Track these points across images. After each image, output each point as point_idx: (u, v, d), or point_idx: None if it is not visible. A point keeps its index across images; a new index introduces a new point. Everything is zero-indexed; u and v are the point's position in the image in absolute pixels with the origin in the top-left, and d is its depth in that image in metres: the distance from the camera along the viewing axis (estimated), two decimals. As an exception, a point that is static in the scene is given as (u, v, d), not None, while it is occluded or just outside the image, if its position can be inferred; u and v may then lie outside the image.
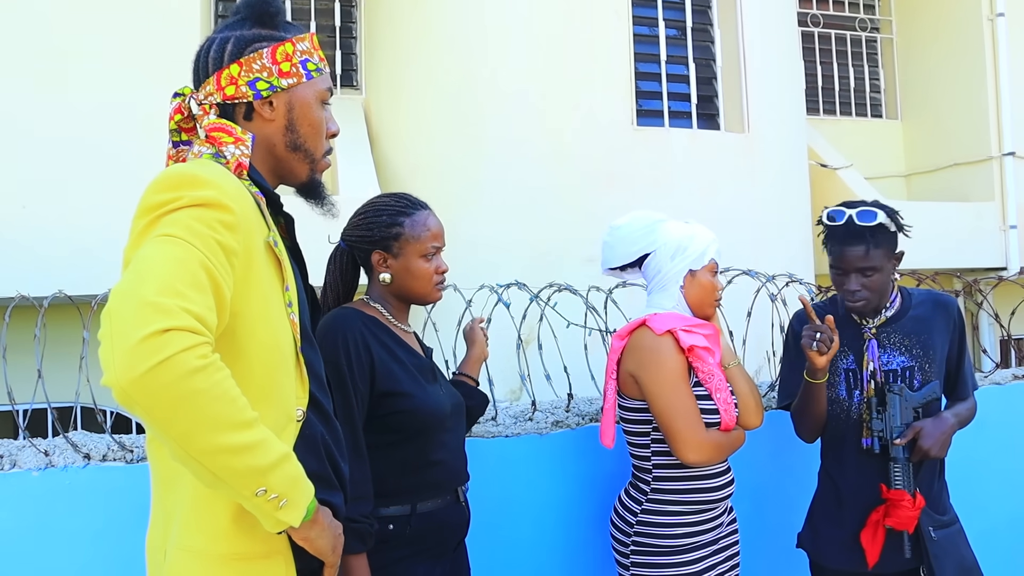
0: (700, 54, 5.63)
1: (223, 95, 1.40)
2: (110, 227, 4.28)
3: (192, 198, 1.21)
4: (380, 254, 1.85)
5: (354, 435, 1.67)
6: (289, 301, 1.37)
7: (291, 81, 1.42)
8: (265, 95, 1.41)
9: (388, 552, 1.72)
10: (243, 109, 1.42)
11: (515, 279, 2.64)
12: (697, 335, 2.08)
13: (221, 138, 1.36)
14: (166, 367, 1.05)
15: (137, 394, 1.05)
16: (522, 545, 2.37)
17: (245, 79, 1.39)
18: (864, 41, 7.62)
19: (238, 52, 1.40)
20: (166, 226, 1.19)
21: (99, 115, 4.41)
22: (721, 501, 2.12)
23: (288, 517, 1.21)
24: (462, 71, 5.09)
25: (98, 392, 2.22)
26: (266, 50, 1.40)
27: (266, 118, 1.42)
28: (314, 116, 1.46)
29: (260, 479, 1.16)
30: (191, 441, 1.09)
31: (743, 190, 5.38)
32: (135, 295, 1.09)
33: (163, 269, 1.12)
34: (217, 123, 1.38)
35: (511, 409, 2.58)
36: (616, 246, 2.22)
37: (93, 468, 2.05)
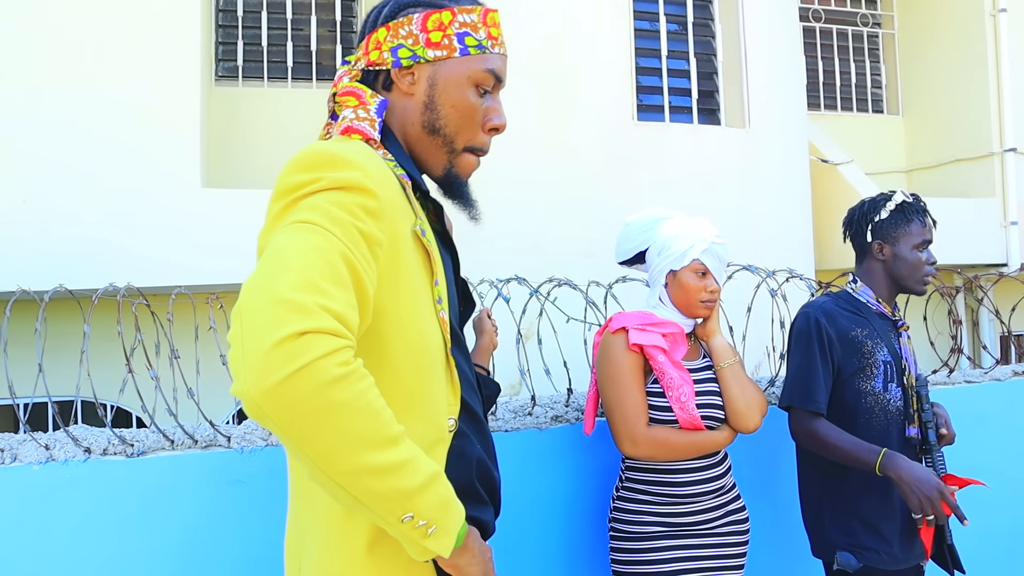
0: (701, 49, 5.62)
1: (367, 60, 1.27)
2: (111, 221, 4.30)
3: (332, 180, 1.07)
4: None
5: None
6: (439, 297, 1.21)
7: (439, 53, 1.25)
8: (405, 63, 1.25)
9: None
10: (383, 78, 1.28)
11: (515, 273, 2.64)
12: (652, 334, 2.09)
13: (346, 101, 1.23)
14: (303, 376, 0.91)
15: (270, 407, 0.91)
16: (522, 539, 2.37)
17: (389, 44, 1.25)
18: (865, 36, 7.60)
19: (390, 15, 1.26)
20: (303, 211, 1.05)
21: (100, 108, 4.41)
22: (698, 497, 2.11)
23: (437, 546, 1.07)
24: (463, 66, 5.08)
25: (99, 386, 2.23)
26: (417, 16, 1.24)
27: (404, 90, 1.27)
28: (460, 97, 1.27)
29: (406, 503, 1.01)
30: (330, 461, 0.95)
31: (743, 185, 5.37)
32: (268, 291, 0.95)
33: (300, 261, 0.98)
34: (349, 86, 1.25)
35: (510, 404, 2.58)
36: (620, 241, 2.28)
37: (94, 462, 2.06)
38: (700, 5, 5.61)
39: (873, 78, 7.59)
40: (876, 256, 2.28)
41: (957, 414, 2.51)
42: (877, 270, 2.29)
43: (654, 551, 2.08)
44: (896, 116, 7.58)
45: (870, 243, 2.29)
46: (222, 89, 5.44)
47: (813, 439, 2.17)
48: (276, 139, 5.46)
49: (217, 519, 2.10)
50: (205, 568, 2.09)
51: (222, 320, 2.34)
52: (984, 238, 6.61)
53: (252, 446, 2.16)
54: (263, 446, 2.17)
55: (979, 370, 3.24)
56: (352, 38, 5.76)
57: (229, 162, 5.24)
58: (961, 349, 3.10)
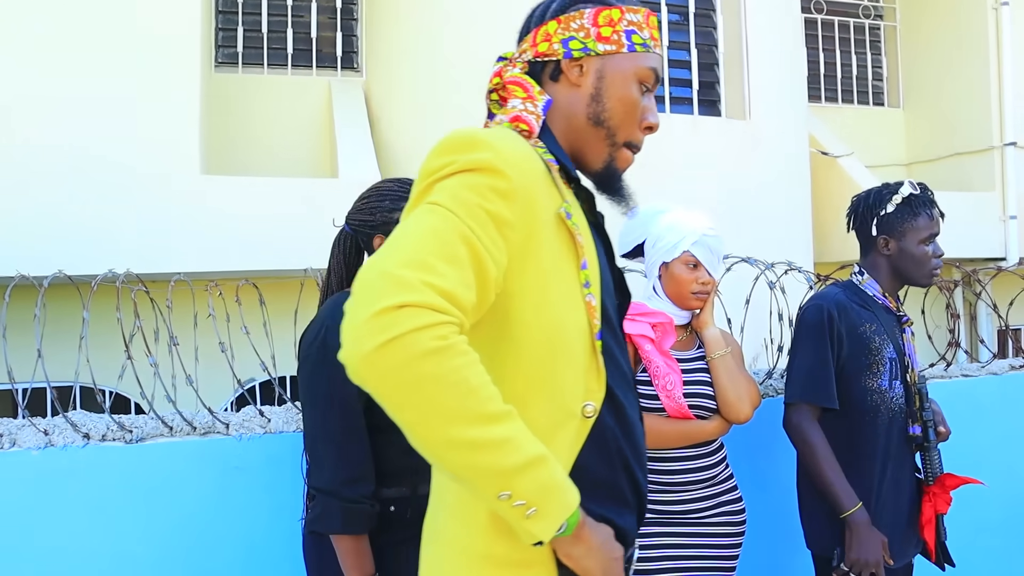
0: (702, 39, 5.61)
1: (535, 51, 1.32)
2: (110, 207, 4.29)
3: (464, 162, 1.11)
4: (382, 238, 1.86)
5: (353, 417, 1.68)
6: (586, 280, 1.21)
7: (608, 48, 1.29)
8: (576, 55, 1.29)
9: (389, 534, 1.73)
10: (551, 68, 1.32)
11: (514, 264, 2.63)
12: (641, 323, 2.11)
13: (514, 91, 1.28)
14: (395, 346, 0.95)
15: (365, 373, 0.97)
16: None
17: (560, 36, 1.30)
18: (867, 28, 7.58)
19: (561, 9, 1.31)
20: (435, 193, 1.09)
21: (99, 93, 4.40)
22: (688, 486, 2.12)
23: (537, 529, 1.05)
24: (463, 55, 5.07)
25: (97, 372, 2.23)
26: (589, 11, 1.29)
27: (572, 81, 1.31)
28: (626, 92, 1.30)
29: (504, 481, 1.02)
30: (422, 431, 1.00)
31: (744, 177, 5.37)
32: (379, 266, 1.00)
33: (415, 240, 1.03)
34: (517, 77, 1.30)
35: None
36: (621, 235, 2.30)
37: (92, 448, 2.06)
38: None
39: (874, 70, 7.58)
40: (881, 251, 2.23)
41: (954, 407, 2.51)
42: (882, 264, 2.23)
43: (644, 537, 2.09)
44: (897, 109, 7.58)
45: (875, 237, 2.23)
46: (222, 75, 5.42)
47: (805, 444, 2.15)
48: (276, 126, 5.45)
49: (215, 506, 2.11)
50: (203, 554, 2.10)
51: (221, 307, 2.34)
52: (983, 232, 6.61)
53: (251, 434, 2.17)
54: (261, 434, 2.17)
55: (976, 364, 3.25)
56: (353, 25, 5.74)
57: (228, 149, 5.24)
58: (959, 343, 3.11)
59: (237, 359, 2.30)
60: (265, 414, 2.23)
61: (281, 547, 2.12)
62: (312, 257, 3.56)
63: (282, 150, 5.41)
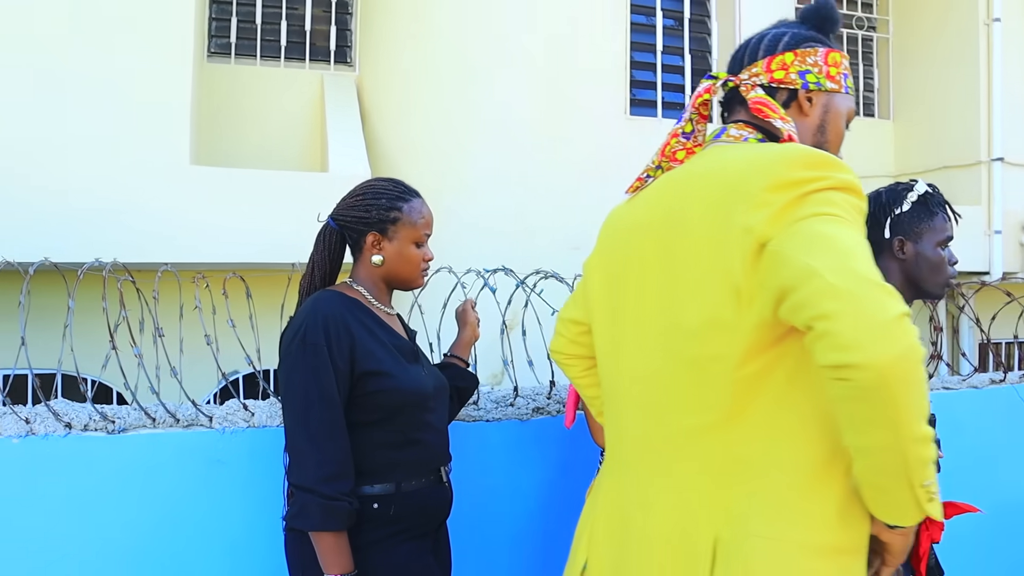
0: (696, 46, 5.63)
1: (770, 77, 1.44)
2: (97, 195, 4.27)
3: (837, 181, 1.20)
4: (375, 236, 1.86)
5: (333, 413, 1.68)
6: None
7: (833, 86, 1.45)
8: (812, 88, 1.44)
9: (371, 531, 1.73)
10: (784, 96, 1.45)
11: (501, 264, 2.64)
12: None
13: (766, 111, 1.38)
14: (915, 351, 1.05)
15: (892, 372, 1.03)
16: (501, 529, 2.39)
17: (796, 68, 1.43)
18: (860, 39, 7.62)
19: (795, 44, 1.45)
20: (824, 205, 1.17)
21: (89, 80, 4.37)
22: None
23: (933, 510, 1.16)
24: (456, 53, 5.07)
25: (81, 361, 2.22)
26: (821, 50, 1.45)
27: (803, 111, 1.44)
28: (840, 126, 1.47)
29: (930, 470, 1.13)
30: (909, 427, 1.08)
31: (733, 184, 5.39)
32: (860, 274, 1.08)
33: (861, 251, 1.12)
34: (763, 98, 1.41)
35: (493, 394, 2.60)
36: None
37: (74, 437, 2.05)
38: (697, 1, 5.61)
39: (866, 81, 7.62)
40: (896, 254, 2.00)
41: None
42: (894, 270, 1.99)
43: None
44: (887, 120, 7.62)
45: (889, 239, 2.00)
46: (214, 65, 5.40)
47: None
48: (267, 118, 5.44)
49: (196, 499, 2.11)
50: (183, 547, 2.09)
51: (208, 299, 2.34)
52: (968, 246, 6.65)
53: (234, 427, 2.16)
54: (244, 427, 2.17)
55: (957, 377, 3.28)
56: (347, 19, 5.72)
57: (219, 140, 5.21)
58: (941, 355, 3.13)
59: (222, 352, 2.29)
60: (249, 408, 2.22)
61: (262, 542, 2.12)
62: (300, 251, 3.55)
63: (272, 142, 5.40)
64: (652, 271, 1.37)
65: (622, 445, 1.46)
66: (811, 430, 1.22)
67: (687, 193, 1.33)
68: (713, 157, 1.38)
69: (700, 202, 1.29)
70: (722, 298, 1.22)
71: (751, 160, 1.25)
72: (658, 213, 1.38)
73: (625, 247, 1.46)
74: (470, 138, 5.02)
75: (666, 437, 1.33)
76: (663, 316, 1.34)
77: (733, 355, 1.21)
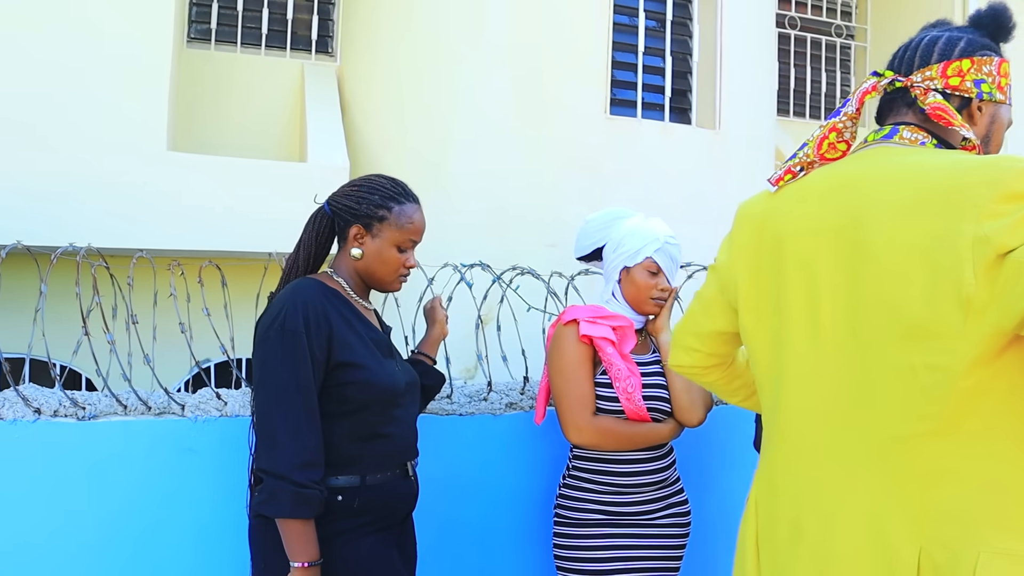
0: (677, 47, 5.67)
1: (945, 83, 1.42)
2: (72, 179, 4.22)
3: None
4: (359, 229, 1.86)
5: (309, 401, 1.69)
6: None
7: (1001, 97, 1.44)
8: (985, 97, 1.42)
9: (335, 523, 1.73)
10: (956, 103, 1.42)
11: (478, 259, 2.65)
12: (602, 326, 2.15)
13: (947, 118, 1.36)
14: None
15: None
16: (471, 523, 2.41)
17: (972, 76, 1.41)
18: (838, 47, 7.71)
19: (971, 51, 1.42)
20: None
21: (66, 63, 4.32)
22: (640, 488, 2.16)
23: None
24: (438, 47, 5.06)
25: (52, 345, 2.20)
26: (996, 59, 1.43)
27: (973, 120, 1.43)
28: (1002, 139, 1.47)
29: None
30: None
31: (709, 185, 5.44)
32: None
33: None
34: (943, 104, 1.38)
35: (466, 388, 2.61)
36: (579, 237, 2.34)
37: (43, 423, 2.04)
38: (680, 3, 5.65)
39: (843, 88, 7.70)
40: None
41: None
42: None
43: (593, 538, 2.13)
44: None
45: None
46: (193, 51, 5.35)
47: None
48: (246, 106, 5.40)
49: (167, 487, 2.10)
50: (153, 536, 2.09)
51: (183, 287, 2.33)
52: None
53: (206, 416, 2.16)
54: (217, 416, 2.17)
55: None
56: (329, 9, 5.70)
57: (197, 127, 5.18)
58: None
59: (196, 340, 2.29)
60: (222, 397, 2.22)
61: (232, 531, 2.11)
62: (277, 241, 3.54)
63: (251, 131, 5.36)
64: (828, 273, 1.34)
65: (791, 452, 1.41)
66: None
67: (873, 195, 1.31)
68: (896, 159, 1.36)
69: (896, 206, 1.26)
70: (947, 306, 1.18)
71: (968, 169, 1.23)
72: (832, 213, 1.35)
73: (785, 245, 1.42)
74: (450, 133, 5.02)
75: (862, 446, 1.28)
76: (850, 321, 1.30)
77: (957, 365, 1.18)
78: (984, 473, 1.20)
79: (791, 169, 1.47)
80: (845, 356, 1.30)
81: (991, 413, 1.19)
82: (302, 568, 1.65)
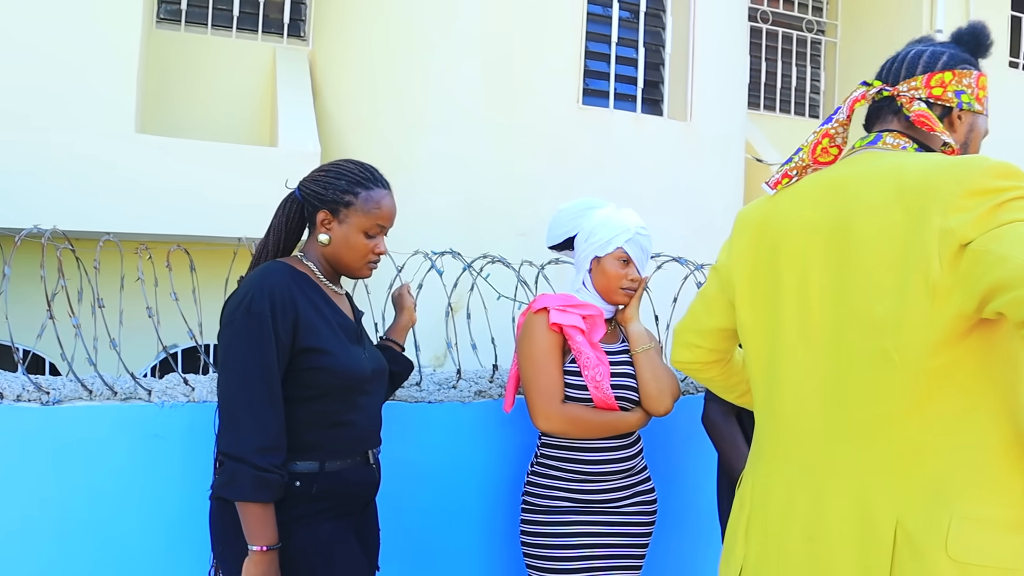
0: (651, 39, 5.69)
1: (928, 92, 1.52)
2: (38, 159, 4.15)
3: None
4: (326, 214, 1.86)
5: (272, 385, 1.68)
6: None
7: (979, 108, 1.54)
8: (964, 108, 1.53)
9: (293, 508, 1.73)
10: (938, 111, 1.53)
11: (449, 247, 2.66)
12: (572, 315, 2.18)
13: (930, 125, 1.47)
14: None
15: None
16: (439, 510, 2.42)
17: (953, 87, 1.52)
18: (809, 42, 7.78)
19: (953, 64, 1.53)
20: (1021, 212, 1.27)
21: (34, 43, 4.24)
22: (607, 476, 2.19)
23: None
24: (411, 34, 5.04)
25: (15, 329, 2.17)
26: (975, 73, 1.54)
27: (952, 128, 1.53)
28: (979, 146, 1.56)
29: None
30: None
31: (680, 177, 5.48)
32: None
33: None
34: (926, 112, 1.49)
35: (436, 376, 2.62)
36: (552, 226, 2.35)
37: (6, 408, 2.01)
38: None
39: (813, 84, 7.79)
40: None
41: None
42: None
43: (561, 525, 2.15)
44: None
45: None
46: (163, 32, 5.28)
47: (720, 437, 2.27)
48: (216, 89, 5.34)
49: (133, 474, 2.09)
50: (118, 523, 2.07)
51: (150, 271, 2.31)
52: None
53: (173, 401, 2.15)
54: (184, 402, 2.15)
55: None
56: (302, -7, 5.64)
57: (166, 109, 5.11)
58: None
59: (164, 325, 2.27)
60: (190, 382, 2.21)
61: (198, 518, 2.10)
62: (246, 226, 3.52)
63: (221, 114, 5.30)
64: (818, 268, 1.45)
65: (783, 437, 1.52)
66: (997, 418, 1.31)
67: (858, 195, 1.42)
68: (879, 162, 1.46)
69: (876, 204, 1.37)
70: (915, 293, 1.30)
71: (940, 168, 1.34)
72: (824, 214, 1.46)
73: (781, 246, 1.54)
74: (422, 119, 5.00)
75: (846, 426, 1.40)
76: (836, 311, 1.41)
77: (924, 345, 1.30)
78: (956, 447, 1.31)
79: (788, 173, 1.60)
80: (831, 345, 1.42)
81: (959, 392, 1.31)
82: (260, 552, 1.64)
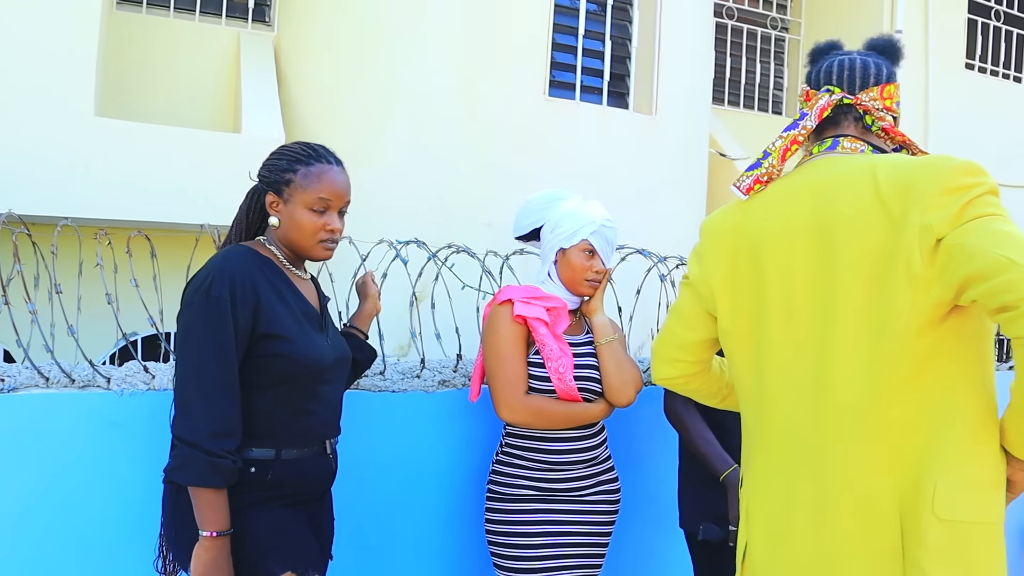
0: (617, 32, 5.71)
1: (883, 104, 1.66)
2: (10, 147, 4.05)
3: (990, 185, 1.42)
4: (273, 196, 1.84)
5: (228, 370, 1.67)
6: None
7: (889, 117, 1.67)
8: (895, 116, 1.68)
9: (246, 494, 1.72)
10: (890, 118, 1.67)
11: (414, 236, 2.65)
12: (536, 307, 2.19)
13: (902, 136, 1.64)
14: None
15: None
16: (403, 499, 2.42)
17: (896, 98, 1.68)
18: (773, 39, 7.87)
19: (893, 76, 1.70)
20: (990, 207, 1.39)
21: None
22: (570, 465, 2.21)
23: None
24: (377, 21, 5.01)
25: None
26: (897, 84, 1.70)
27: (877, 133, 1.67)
28: None
29: None
30: None
31: (645, 170, 5.52)
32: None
33: None
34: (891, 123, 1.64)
35: (399, 365, 2.62)
36: (518, 217, 2.36)
37: (-40, 393, 1.98)
38: (620, -12, 5.69)
39: (776, 80, 7.88)
40: None
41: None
42: None
43: (524, 513, 2.17)
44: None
45: None
46: (123, 14, 5.18)
47: (680, 423, 2.31)
48: (178, 73, 5.26)
49: (91, 461, 2.06)
50: (76, 511, 2.04)
51: (109, 257, 2.27)
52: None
53: (132, 389, 2.12)
54: (144, 390, 2.13)
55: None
56: (267, -22, 5.57)
57: (126, 93, 5.02)
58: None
59: (123, 312, 2.24)
60: (150, 370, 2.18)
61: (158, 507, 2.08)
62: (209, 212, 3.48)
63: (183, 99, 5.22)
64: (803, 269, 1.55)
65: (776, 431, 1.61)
66: (972, 392, 1.44)
67: (835, 199, 1.53)
68: (845, 165, 1.57)
69: (856, 205, 1.49)
70: (899, 284, 1.42)
71: (913, 168, 1.45)
72: (804, 217, 1.57)
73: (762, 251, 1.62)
74: (387, 108, 4.97)
75: (836, 414, 1.50)
76: (823, 306, 1.52)
77: (908, 331, 1.42)
78: (939, 422, 1.44)
79: (759, 179, 1.68)
80: (819, 339, 1.52)
81: (939, 372, 1.44)
82: (210, 537, 1.63)
